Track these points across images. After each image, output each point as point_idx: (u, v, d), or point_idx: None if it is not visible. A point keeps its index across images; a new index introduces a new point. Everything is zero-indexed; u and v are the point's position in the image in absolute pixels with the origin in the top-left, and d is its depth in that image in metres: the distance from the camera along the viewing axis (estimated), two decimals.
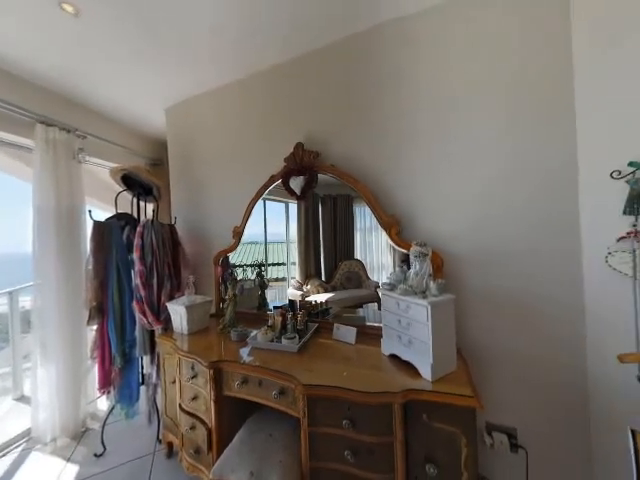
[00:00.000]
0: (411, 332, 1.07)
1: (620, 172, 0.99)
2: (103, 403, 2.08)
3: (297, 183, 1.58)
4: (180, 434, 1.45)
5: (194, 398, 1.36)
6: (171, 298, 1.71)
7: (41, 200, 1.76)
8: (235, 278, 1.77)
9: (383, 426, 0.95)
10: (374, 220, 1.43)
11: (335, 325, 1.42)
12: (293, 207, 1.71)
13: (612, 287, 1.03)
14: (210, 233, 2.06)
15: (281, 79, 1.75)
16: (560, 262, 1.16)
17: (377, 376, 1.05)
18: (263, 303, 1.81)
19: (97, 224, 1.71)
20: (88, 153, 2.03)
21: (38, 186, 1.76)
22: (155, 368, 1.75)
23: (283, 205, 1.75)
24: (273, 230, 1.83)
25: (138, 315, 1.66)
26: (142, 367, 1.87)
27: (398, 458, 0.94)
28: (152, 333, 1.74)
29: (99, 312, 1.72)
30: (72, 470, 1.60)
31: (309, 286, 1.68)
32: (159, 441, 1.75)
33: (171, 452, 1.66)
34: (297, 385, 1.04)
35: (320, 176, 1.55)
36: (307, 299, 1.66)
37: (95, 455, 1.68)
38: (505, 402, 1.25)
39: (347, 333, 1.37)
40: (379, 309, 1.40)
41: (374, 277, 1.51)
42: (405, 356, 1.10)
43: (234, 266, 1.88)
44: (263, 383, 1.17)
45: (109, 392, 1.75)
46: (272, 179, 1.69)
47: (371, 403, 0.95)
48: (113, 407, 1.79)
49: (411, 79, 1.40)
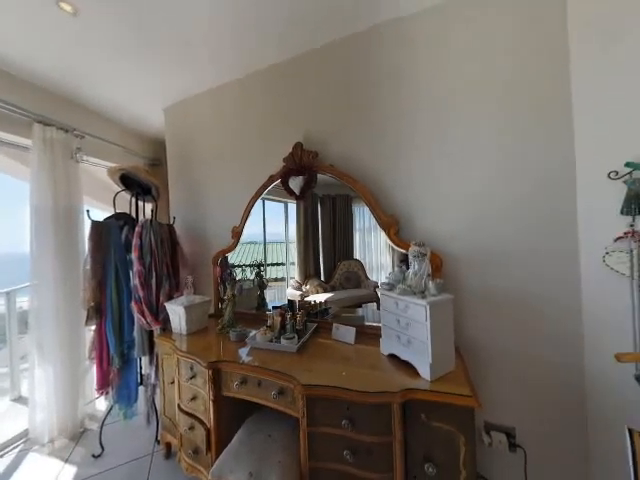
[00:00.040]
0: (410, 332, 1.07)
1: (617, 172, 1.00)
2: (101, 404, 2.08)
3: (296, 183, 1.58)
4: (179, 434, 1.45)
5: (193, 398, 1.36)
6: (170, 298, 1.70)
7: (39, 200, 1.75)
8: (234, 278, 1.77)
9: (382, 426, 0.95)
10: (373, 220, 1.43)
11: (334, 325, 1.42)
12: (292, 207, 1.71)
13: (609, 287, 1.04)
14: (209, 233, 2.05)
15: (280, 79, 1.75)
16: (558, 262, 1.16)
17: (376, 376, 1.05)
18: (262, 303, 1.81)
19: (95, 224, 1.70)
20: (86, 153, 2.02)
21: (35, 186, 1.75)
22: (154, 368, 1.75)
23: (282, 205, 1.74)
24: (272, 230, 1.83)
25: (137, 315, 1.65)
26: (141, 368, 1.87)
27: (397, 457, 0.94)
28: (151, 333, 1.74)
29: (97, 312, 1.71)
30: (70, 471, 1.59)
31: (308, 286, 1.68)
32: (157, 442, 1.74)
33: (170, 453, 1.66)
34: (296, 385, 1.04)
35: (319, 176, 1.55)
36: (306, 299, 1.66)
37: (93, 456, 1.68)
38: (503, 401, 1.26)
39: (346, 333, 1.37)
40: (378, 309, 1.40)
41: (373, 277, 1.51)
42: (404, 356, 1.11)
43: (233, 266, 1.88)
44: (262, 383, 1.17)
45: (107, 393, 1.75)
46: (271, 179, 1.69)
47: (370, 403, 0.95)
48: (111, 408, 1.78)
49: (410, 79, 1.40)
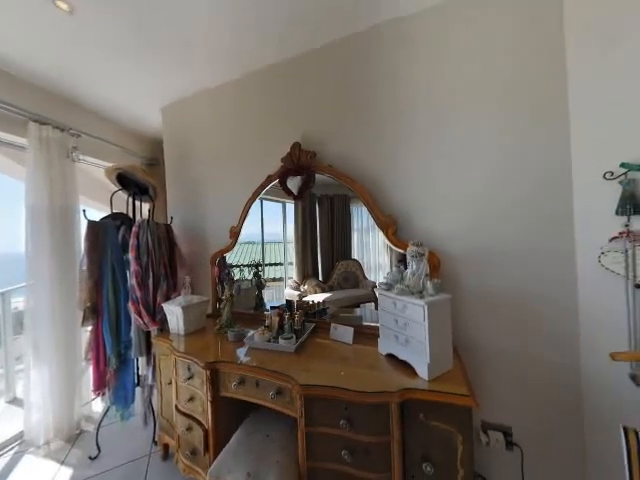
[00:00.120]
0: (408, 332, 1.07)
1: (612, 173, 1.00)
2: (98, 405, 2.06)
3: (294, 183, 1.58)
4: (176, 435, 1.44)
5: (190, 399, 1.35)
6: (167, 298, 1.69)
7: (34, 199, 1.74)
8: (232, 278, 1.76)
9: (380, 425, 0.95)
10: (371, 220, 1.43)
11: (332, 325, 1.42)
12: (290, 207, 1.70)
13: (605, 286, 1.05)
14: (207, 233, 2.05)
15: (278, 79, 1.75)
16: (554, 262, 1.17)
17: (374, 376, 1.05)
18: (260, 303, 1.80)
19: (91, 224, 1.69)
20: (82, 152, 2.01)
21: (31, 185, 1.73)
22: (151, 369, 1.74)
23: (280, 205, 1.74)
24: (270, 230, 1.83)
25: (134, 316, 1.64)
26: (138, 368, 1.85)
27: (395, 457, 0.95)
28: (148, 334, 1.73)
29: (94, 313, 1.70)
30: (66, 473, 1.57)
31: (306, 286, 1.68)
32: (155, 443, 1.74)
33: (167, 454, 1.65)
34: (294, 385, 1.04)
35: (317, 176, 1.55)
36: (304, 299, 1.66)
37: (90, 458, 1.66)
38: (501, 401, 1.26)
39: (344, 333, 1.37)
40: (376, 309, 1.41)
41: (371, 277, 1.51)
42: (402, 356, 1.11)
43: (231, 266, 1.88)
44: (260, 383, 1.16)
45: (104, 394, 1.73)
46: (269, 179, 1.69)
47: (368, 403, 0.95)
48: (108, 409, 1.77)
49: (408, 79, 1.41)
